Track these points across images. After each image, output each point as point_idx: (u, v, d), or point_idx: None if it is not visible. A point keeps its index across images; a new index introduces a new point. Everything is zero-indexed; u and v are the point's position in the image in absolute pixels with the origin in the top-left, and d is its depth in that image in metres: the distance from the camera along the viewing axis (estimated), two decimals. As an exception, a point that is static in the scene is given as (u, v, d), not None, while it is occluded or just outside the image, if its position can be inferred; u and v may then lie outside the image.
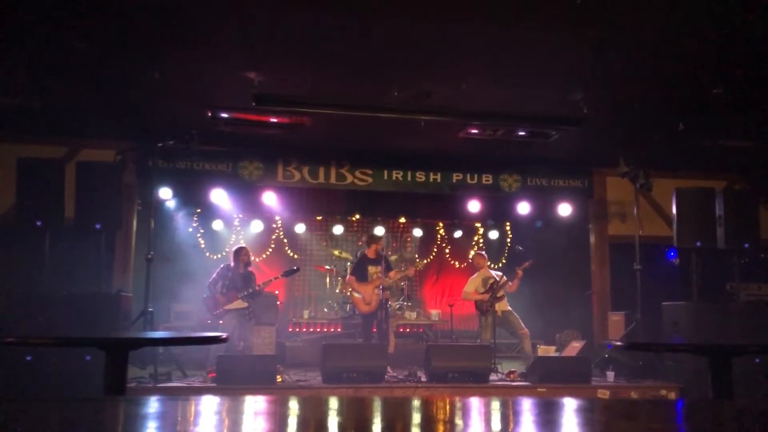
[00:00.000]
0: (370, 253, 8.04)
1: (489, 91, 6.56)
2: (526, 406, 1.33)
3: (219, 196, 8.71)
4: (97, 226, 7.07)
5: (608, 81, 6.22)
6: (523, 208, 9.28)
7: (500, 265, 10.63)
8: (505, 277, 7.91)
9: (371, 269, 7.96)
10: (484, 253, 8.43)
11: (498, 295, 7.74)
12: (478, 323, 8.14)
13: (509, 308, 7.86)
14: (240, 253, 7.63)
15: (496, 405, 1.35)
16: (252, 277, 7.60)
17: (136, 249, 8.21)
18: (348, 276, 8.58)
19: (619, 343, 6.66)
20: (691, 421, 1.25)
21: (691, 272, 7.73)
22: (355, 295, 7.95)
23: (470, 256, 8.56)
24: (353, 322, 9.49)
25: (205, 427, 1.09)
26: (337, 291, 10.15)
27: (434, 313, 10.16)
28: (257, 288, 7.47)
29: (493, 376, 7.19)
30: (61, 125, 7.62)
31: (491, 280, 7.85)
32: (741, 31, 5.09)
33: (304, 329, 9.80)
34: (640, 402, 3.69)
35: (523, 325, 7.73)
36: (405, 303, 10.12)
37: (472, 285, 8.01)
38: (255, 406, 1.31)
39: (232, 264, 7.56)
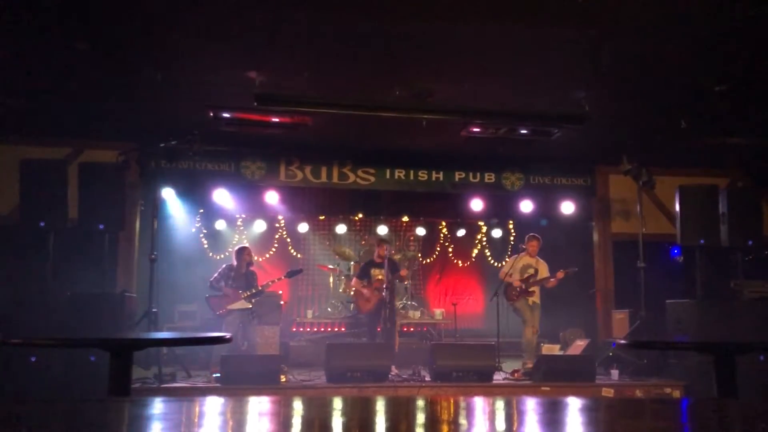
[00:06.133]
0: (375, 257, 8.19)
1: (491, 89, 6.55)
2: (531, 405, 1.33)
3: (222, 196, 8.72)
4: (101, 227, 7.09)
5: (610, 78, 6.21)
6: (526, 206, 9.26)
7: (504, 263, 10.62)
8: (546, 270, 7.83)
9: (374, 272, 8.06)
10: (539, 237, 7.98)
11: (530, 290, 7.71)
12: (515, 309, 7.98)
13: (539, 302, 7.81)
14: (242, 252, 7.63)
15: (500, 404, 1.35)
16: (254, 276, 7.61)
17: (140, 249, 8.21)
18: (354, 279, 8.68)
19: (623, 342, 6.61)
20: (696, 419, 1.25)
21: (694, 270, 7.72)
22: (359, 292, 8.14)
23: (525, 238, 8.08)
24: (357, 321, 9.50)
25: (209, 429, 1.09)
26: (341, 290, 10.16)
27: (438, 312, 10.16)
28: (260, 288, 7.48)
29: (497, 375, 7.20)
30: (63, 126, 7.64)
31: (530, 270, 7.79)
32: (744, 27, 5.07)
33: (308, 329, 9.80)
34: (644, 400, 3.69)
35: (538, 322, 7.72)
36: (408, 302, 10.13)
37: (508, 267, 7.91)
38: (259, 407, 1.31)
39: (234, 264, 7.56)
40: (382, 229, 10.59)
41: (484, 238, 11.35)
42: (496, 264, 11.07)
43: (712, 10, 4.82)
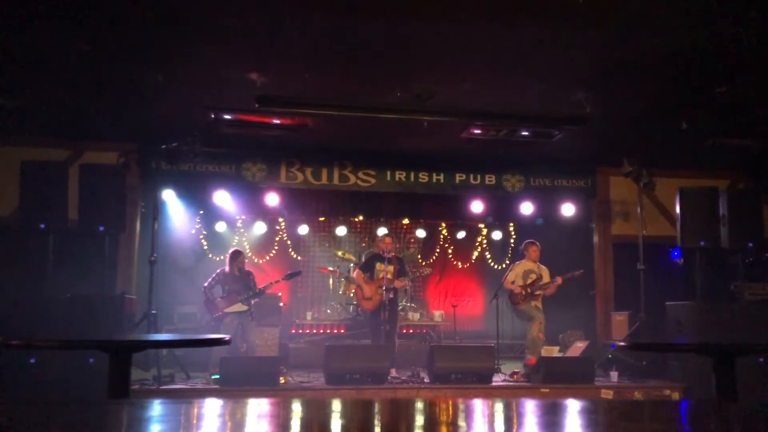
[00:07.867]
0: (380, 251, 7.70)
1: (492, 91, 6.56)
2: (530, 407, 1.33)
3: (222, 198, 8.71)
4: (101, 229, 7.09)
5: (611, 80, 6.21)
6: (527, 208, 9.26)
7: (504, 265, 10.63)
8: (548, 276, 7.80)
9: (379, 266, 7.66)
10: (537, 243, 8.01)
11: (535, 293, 7.69)
12: (516, 314, 7.94)
13: (541, 308, 7.79)
14: (235, 256, 7.56)
15: (499, 406, 1.35)
16: (251, 277, 7.56)
17: (140, 251, 8.20)
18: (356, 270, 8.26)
19: (622, 343, 6.64)
20: (695, 421, 1.25)
21: (694, 272, 7.72)
22: (358, 290, 7.78)
23: (523, 245, 8.09)
24: (356, 323, 9.49)
25: (208, 430, 1.09)
26: (341, 292, 10.15)
27: (437, 313, 10.15)
28: (258, 290, 7.45)
29: (496, 377, 7.19)
30: (64, 128, 7.64)
31: (533, 275, 7.78)
32: (744, 29, 5.07)
33: (307, 331, 9.80)
34: (644, 402, 3.69)
35: (543, 326, 7.69)
36: (408, 304, 10.12)
37: (512, 275, 7.85)
38: (258, 409, 1.31)
39: (227, 269, 7.50)
40: (382, 231, 10.57)
41: (485, 240, 11.34)
42: (496, 266, 11.07)
43: (713, 11, 4.82)
